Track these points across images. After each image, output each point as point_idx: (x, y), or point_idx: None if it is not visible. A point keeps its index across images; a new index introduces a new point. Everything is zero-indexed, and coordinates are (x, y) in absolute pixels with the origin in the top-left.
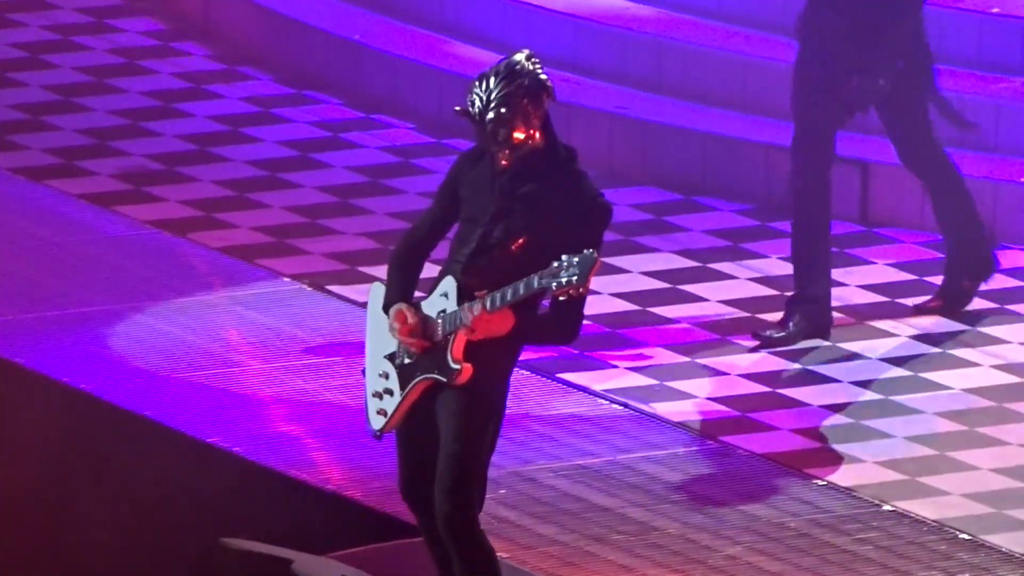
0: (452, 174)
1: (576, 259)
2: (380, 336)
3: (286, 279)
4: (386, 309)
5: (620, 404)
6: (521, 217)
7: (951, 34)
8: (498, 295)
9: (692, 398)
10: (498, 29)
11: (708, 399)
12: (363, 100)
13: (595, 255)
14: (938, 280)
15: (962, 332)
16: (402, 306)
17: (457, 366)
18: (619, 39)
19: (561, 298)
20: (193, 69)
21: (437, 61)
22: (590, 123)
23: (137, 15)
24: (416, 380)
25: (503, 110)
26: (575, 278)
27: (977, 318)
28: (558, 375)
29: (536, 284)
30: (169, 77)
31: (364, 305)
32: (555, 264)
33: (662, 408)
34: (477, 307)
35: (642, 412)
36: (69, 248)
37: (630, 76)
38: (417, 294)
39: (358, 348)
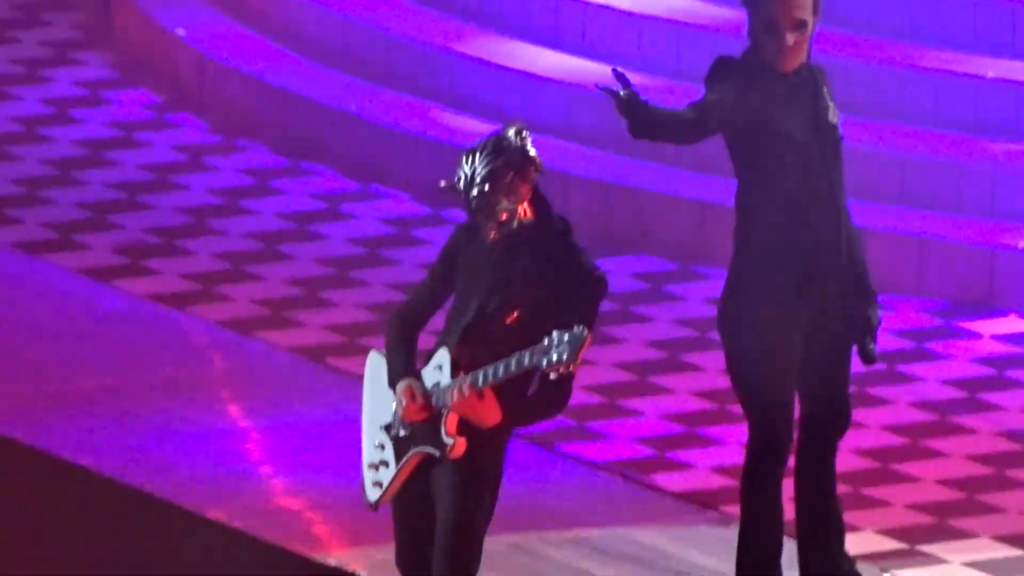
0: (449, 246)
1: (566, 336)
2: (377, 406)
3: (284, 352)
4: (392, 382)
5: (619, 475)
6: (516, 290)
7: (947, 98)
8: (481, 374)
9: (692, 468)
10: (494, 97)
11: (708, 469)
12: (360, 170)
13: (585, 332)
14: (939, 347)
15: (961, 399)
16: (412, 382)
17: (451, 440)
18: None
19: (552, 375)
20: (189, 141)
21: (433, 131)
22: (586, 191)
23: (133, 87)
24: (411, 453)
25: (488, 185)
26: (565, 355)
27: (977, 385)
28: (556, 446)
29: (527, 361)
30: (165, 149)
31: (362, 378)
32: (545, 341)
33: (662, 479)
34: (466, 388)
35: (641, 483)
36: (67, 322)
37: (627, 143)
38: None
39: (356, 420)
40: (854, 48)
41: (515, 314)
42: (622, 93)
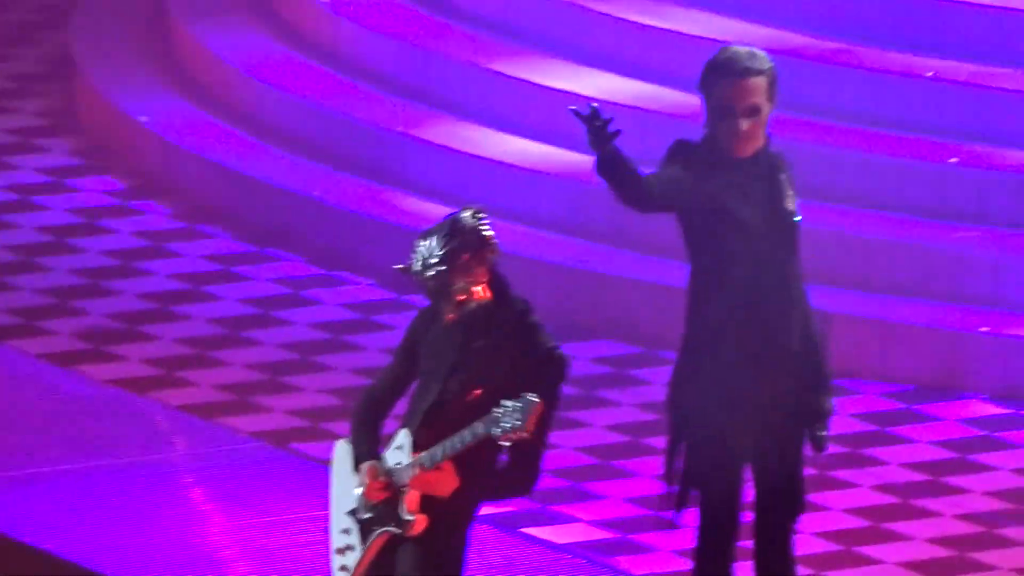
0: (411, 330)
1: (518, 403)
2: (344, 493)
3: (247, 437)
4: (356, 466)
5: (583, 558)
6: (477, 371)
7: (911, 183)
8: (439, 449)
9: (655, 551)
10: (457, 183)
11: (671, 552)
12: (323, 256)
13: (536, 399)
14: (903, 431)
15: (924, 482)
16: (374, 463)
17: (410, 517)
18: (577, 191)
19: (506, 443)
20: (153, 227)
21: (396, 216)
22: (549, 276)
23: (96, 173)
24: (375, 534)
25: (444, 267)
26: (517, 423)
27: (939, 469)
28: (520, 529)
29: (480, 430)
30: (129, 236)
31: (326, 463)
32: (496, 411)
33: (625, 562)
34: (426, 463)
35: (605, 566)
36: (30, 407)
37: (589, 228)
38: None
39: (320, 505)
40: (817, 133)
41: (476, 394)
42: (597, 121)
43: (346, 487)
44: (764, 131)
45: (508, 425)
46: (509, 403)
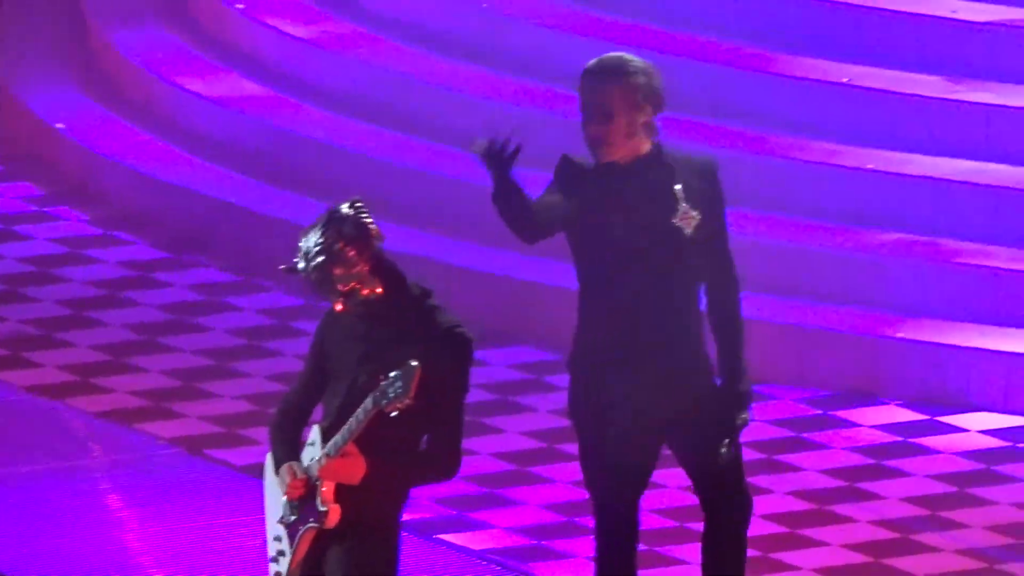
0: (317, 333)
1: (400, 372)
2: (274, 503)
3: (164, 443)
4: (277, 471)
5: (498, 564)
6: (383, 361)
7: (829, 190)
8: (338, 436)
9: (572, 557)
10: (375, 190)
11: (587, 559)
12: (240, 262)
13: (414, 363)
14: (819, 437)
15: (840, 488)
16: (291, 463)
17: (324, 508)
18: None
19: (393, 413)
20: (71, 234)
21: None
22: (467, 282)
23: (14, 180)
24: (300, 533)
25: (323, 257)
26: (399, 391)
27: (855, 475)
28: (436, 535)
29: (371, 406)
30: (46, 242)
31: (243, 469)
32: (382, 383)
33: (540, 569)
34: (332, 452)
35: (520, 572)
36: None
37: (507, 235)
38: None
39: (238, 511)
40: (735, 139)
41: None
42: (494, 149)
43: (276, 497)
44: (631, 138)
45: (392, 394)
46: (393, 373)
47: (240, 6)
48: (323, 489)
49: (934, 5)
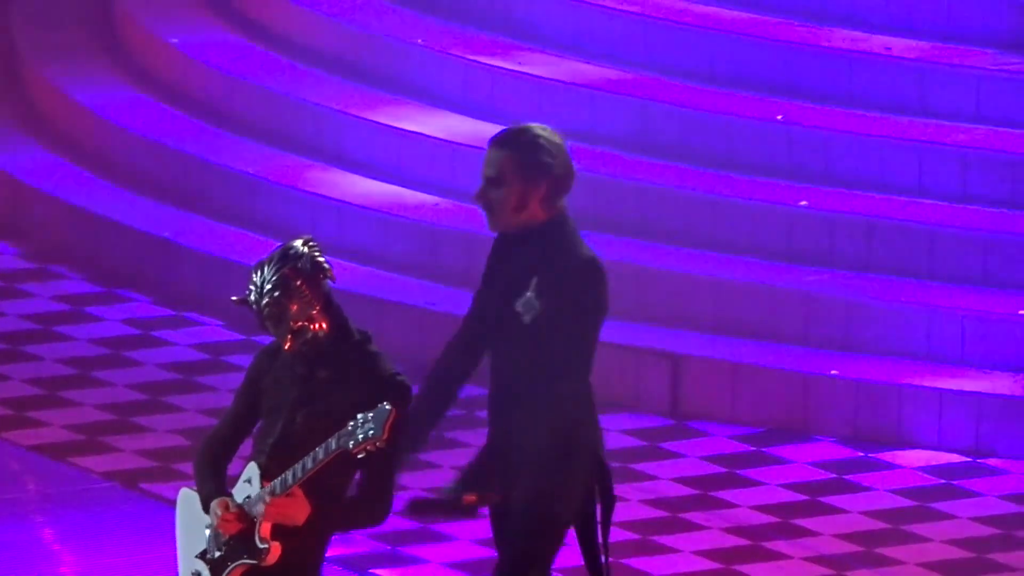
0: (252, 369)
1: (371, 414)
2: (191, 538)
3: (98, 477)
4: (205, 505)
5: None
6: (321, 402)
7: (761, 226)
8: (289, 473)
9: None
10: (308, 224)
11: None
12: (174, 297)
13: (388, 406)
14: (752, 474)
15: (773, 524)
16: (224, 498)
17: (265, 545)
18: (428, 233)
19: (360, 456)
20: (2, 268)
21: (246, 257)
22: (400, 316)
23: None
24: (229, 569)
25: (276, 293)
26: (371, 432)
27: (790, 511)
28: (370, 570)
29: (335, 445)
30: None
31: (175, 503)
32: (350, 424)
33: None
34: (278, 489)
35: None
36: None
37: (438, 269)
38: None
39: (172, 544)
40: (669, 175)
41: (321, 425)
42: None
43: (193, 532)
44: (520, 212)
45: (362, 435)
46: (363, 415)
47: (175, 40)
48: (262, 526)
49: (868, 43)
